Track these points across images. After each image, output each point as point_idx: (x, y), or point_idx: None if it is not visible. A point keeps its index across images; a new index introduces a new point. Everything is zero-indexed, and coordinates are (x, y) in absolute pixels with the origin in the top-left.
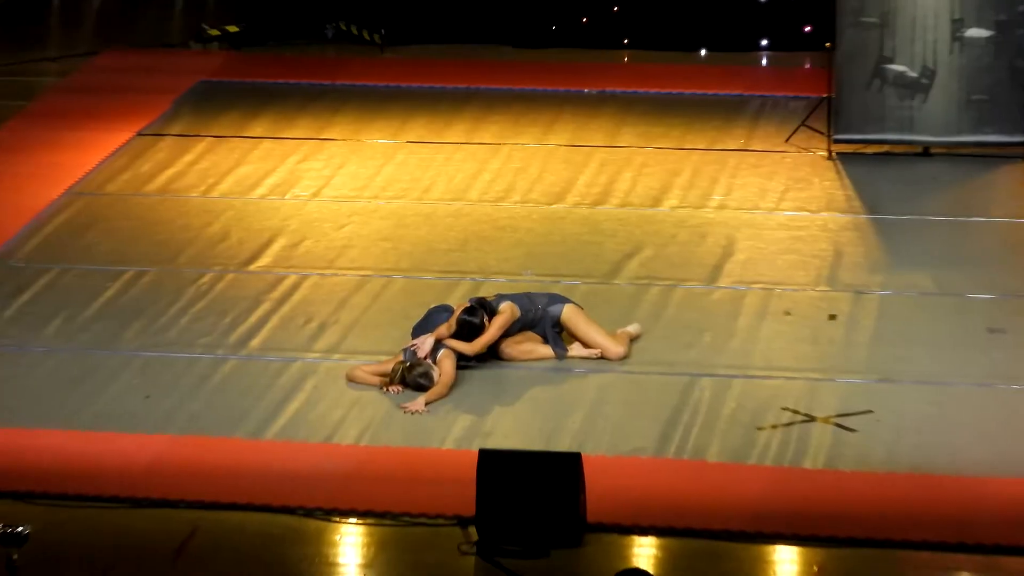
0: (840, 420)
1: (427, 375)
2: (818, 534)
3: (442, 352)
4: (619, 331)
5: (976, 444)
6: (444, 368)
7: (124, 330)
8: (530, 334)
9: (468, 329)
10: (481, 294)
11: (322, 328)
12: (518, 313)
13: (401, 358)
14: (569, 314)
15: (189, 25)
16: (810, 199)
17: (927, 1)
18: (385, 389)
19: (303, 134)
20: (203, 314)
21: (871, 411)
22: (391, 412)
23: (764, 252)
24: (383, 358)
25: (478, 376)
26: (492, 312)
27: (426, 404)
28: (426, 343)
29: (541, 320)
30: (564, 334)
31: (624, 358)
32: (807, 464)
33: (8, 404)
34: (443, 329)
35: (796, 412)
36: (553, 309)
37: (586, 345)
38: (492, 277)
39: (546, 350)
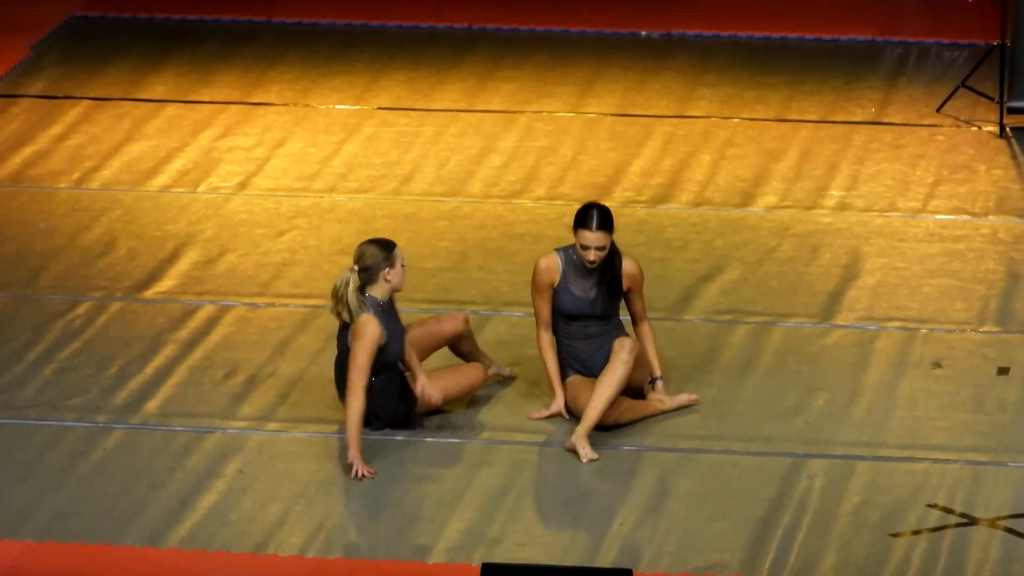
0: (1014, 523)
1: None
2: None
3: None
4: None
5: None
6: None
7: None
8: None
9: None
10: (488, 331)
11: (251, 384)
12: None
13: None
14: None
15: None
16: (973, 196)
17: None
18: (355, 473)
19: (225, 96)
20: (75, 362)
21: None
22: (353, 506)
23: (904, 274)
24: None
25: (478, 448)
26: None
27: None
28: None
29: (599, 349)
30: None
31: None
32: None
33: None
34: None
35: (949, 511)
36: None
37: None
38: (504, 310)
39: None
